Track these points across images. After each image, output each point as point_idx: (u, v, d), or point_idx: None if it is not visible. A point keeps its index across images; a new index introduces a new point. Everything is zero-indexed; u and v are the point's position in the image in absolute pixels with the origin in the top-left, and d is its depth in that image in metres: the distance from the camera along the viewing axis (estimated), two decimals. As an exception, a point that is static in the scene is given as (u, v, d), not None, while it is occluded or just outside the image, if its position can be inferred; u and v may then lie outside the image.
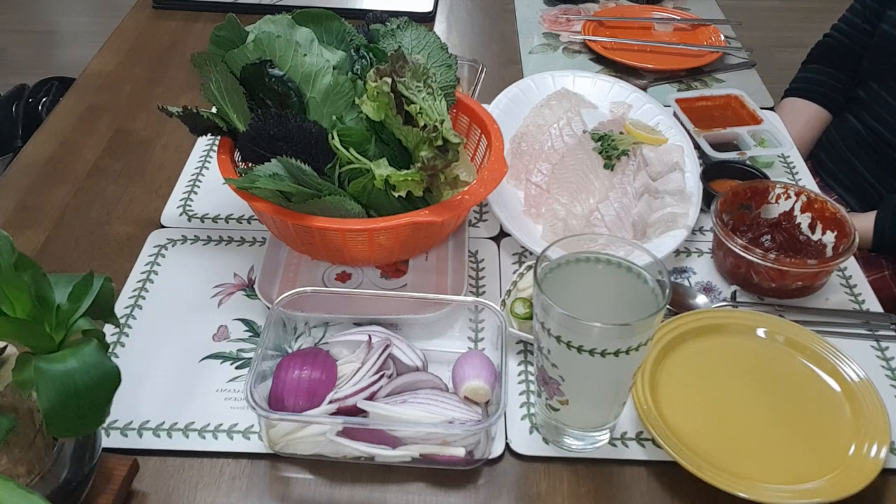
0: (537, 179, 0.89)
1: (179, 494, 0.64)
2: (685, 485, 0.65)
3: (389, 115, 0.74)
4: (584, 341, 0.56)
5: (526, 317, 0.74)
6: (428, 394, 0.66)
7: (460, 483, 0.65)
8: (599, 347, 0.56)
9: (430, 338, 0.76)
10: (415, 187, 0.72)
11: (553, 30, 1.33)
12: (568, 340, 0.57)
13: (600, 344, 0.56)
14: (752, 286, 0.82)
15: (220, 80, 0.74)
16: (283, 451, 0.66)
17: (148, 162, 1.00)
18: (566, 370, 0.60)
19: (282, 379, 0.66)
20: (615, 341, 0.56)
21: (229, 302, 0.80)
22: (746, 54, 1.26)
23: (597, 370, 0.58)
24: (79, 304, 0.54)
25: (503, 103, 0.99)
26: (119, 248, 0.87)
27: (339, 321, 0.76)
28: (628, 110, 1.00)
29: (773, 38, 2.72)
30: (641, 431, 0.69)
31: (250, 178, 0.70)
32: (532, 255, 0.84)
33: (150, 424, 0.68)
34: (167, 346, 0.75)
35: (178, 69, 1.20)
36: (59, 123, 1.08)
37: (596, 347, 0.56)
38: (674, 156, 0.92)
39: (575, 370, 0.59)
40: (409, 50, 0.82)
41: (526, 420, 0.69)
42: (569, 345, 0.57)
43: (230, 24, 0.77)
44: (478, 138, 0.86)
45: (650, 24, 1.34)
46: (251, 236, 0.88)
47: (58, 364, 0.50)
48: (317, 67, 0.75)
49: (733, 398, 0.71)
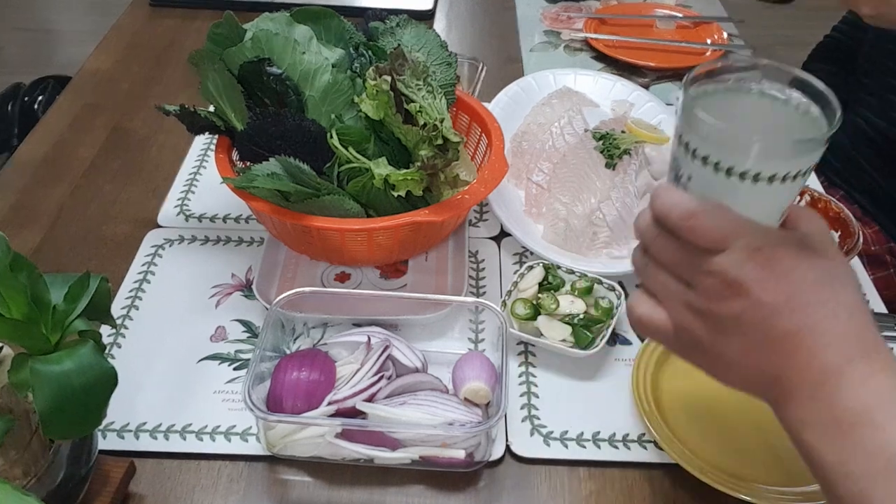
0: (538, 179, 0.89)
1: (177, 497, 0.63)
2: (687, 487, 0.64)
3: (389, 114, 0.74)
4: (738, 161, 0.50)
5: (527, 317, 0.74)
6: (428, 395, 0.66)
7: (460, 485, 0.65)
8: (755, 169, 0.49)
9: (429, 339, 0.75)
10: (414, 187, 0.71)
11: (554, 27, 1.33)
12: (717, 161, 0.50)
13: (757, 165, 0.49)
14: (755, 286, 0.81)
15: (218, 78, 0.73)
16: (281, 453, 0.65)
17: (145, 161, 1.00)
18: None
19: (280, 380, 0.65)
20: (775, 162, 0.49)
21: (227, 302, 0.79)
22: (749, 52, 1.25)
23: (742, 200, 0.51)
24: (75, 305, 0.54)
25: (504, 102, 0.98)
26: (116, 248, 0.86)
27: (338, 322, 0.76)
28: (630, 109, 0.99)
29: (775, 37, 2.72)
30: (643, 434, 0.68)
31: (248, 177, 0.69)
32: (533, 256, 0.83)
33: (147, 426, 0.68)
34: (164, 347, 0.75)
35: (175, 67, 1.20)
36: (55, 122, 1.07)
37: (750, 169, 0.49)
38: (675, 155, 0.91)
39: (718, 198, 0.51)
40: (409, 48, 0.81)
41: (527, 422, 0.69)
42: (717, 166, 0.50)
43: (228, 21, 0.76)
44: (478, 137, 0.85)
45: (652, 22, 1.34)
46: (249, 236, 0.87)
47: (54, 365, 0.50)
48: (315, 65, 0.74)
49: (735, 400, 0.70)
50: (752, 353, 0.49)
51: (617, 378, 0.73)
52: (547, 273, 0.78)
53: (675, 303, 0.51)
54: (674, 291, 0.51)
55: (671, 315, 0.52)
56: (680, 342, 0.52)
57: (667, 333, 0.52)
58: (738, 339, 0.49)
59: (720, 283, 0.48)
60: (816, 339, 0.47)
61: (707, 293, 0.49)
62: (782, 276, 0.48)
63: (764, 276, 0.47)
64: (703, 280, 0.49)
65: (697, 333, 0.50)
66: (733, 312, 0.48)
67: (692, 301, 0.50)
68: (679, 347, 0.52)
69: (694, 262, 0.49)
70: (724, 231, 0.48)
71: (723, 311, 0.48)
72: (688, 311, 0.50)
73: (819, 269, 0.48)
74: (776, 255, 0.48)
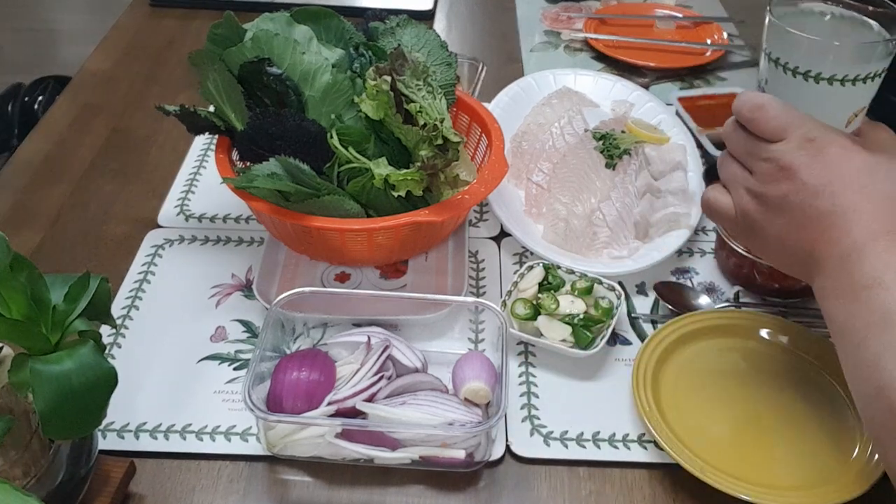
0: (538, 179, 0.89)
1: (177, 497, 0.63)
2: (687, 488, 0.64)
3: (389, 114, 0.74)
4: (810, 63, 0.58)
5: (527, 317, 0.74)
6: (428, 395, 0.66)
7: (460, 485, 0.65)
8: (824, 71, 0.58)
9: (429, 339, 0.75)
10: (414, 187, 0.71)
11: (554, 28, 1.33)
12: (795, 66, 0.59)
13: (826, 67, 0.58)
14: (755, 287, 0.81)
15: (218, 78, 0.73)
16: (281, 453, 0.65)
17: (145, 161, 1.00)
18: None
19: (280, 380, 0.65)
20: (848, 65, 0.58)
21: (227, 302, 0.79)
22: (749, 52, 1.25)
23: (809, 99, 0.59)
24: (75, 305, 0.54)
25: (504, 102, 0.98)
26: (116, 249, 0.86)
27: (337, 322, 0.76)
28: (630, 109, 0.99)
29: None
30: (643, 433, 0.68)
31: (248, 177, 0.69)
32: (533, 256, 0.83)
33: (147, 426, 0.68)
34: (164, 348, 0.75)
35: (175, 67, 1.20)
36: (55, 122, 1.07)
37: (820, 72, 0.58)
38: (676, 155, 0.91)
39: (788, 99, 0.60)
40: (409, 48, 0.81)
41: (527, 422, 0.69)
42: (793, 70, 0.59)
43: (228, 21, 0.76)
44: (478, 137, 0.85)
45: (652, 22, 1.34)
46: (249, 236, 0.87)
47: (54, 365, 0.50)
48: (315, 66, 0.74)
49: (736, 400, 0.70)
50: (794, 231, 0.56)
51: (617, 378, 0.73)
52: (547, 273, 0.78)
53: (738, 187, 0.59)
54: (739, 177, 0.59)
55: (734, 199, 0.60)
56: (737, 223, 0.60)
57: (728, 214, 0.61)
58: (783, 218, 0.56)
59: (774, 168, 0.56)
60: (848, 218, 0.53)
61: (763, 177, 0.57)
62: (828, 163, 0.54)
63: (811, 162, 0.54)
64: (761, 165, 0.57)
65: (752, 214, 0.58)
66: (781, 193, 0.55)
67: (751, 185, 0.58)
68: (737, 228, 0.61)
69: (756, 150, 0.57)
70: (785, 122, 0.56)
71: (773, 192, 0.56)
72: (747, 194, 0.59)
73: (864, 161, 0.54)
74: (826, 145, 0.55)
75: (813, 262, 0.56)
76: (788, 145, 0.55)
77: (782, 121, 0.56)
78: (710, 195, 0.63)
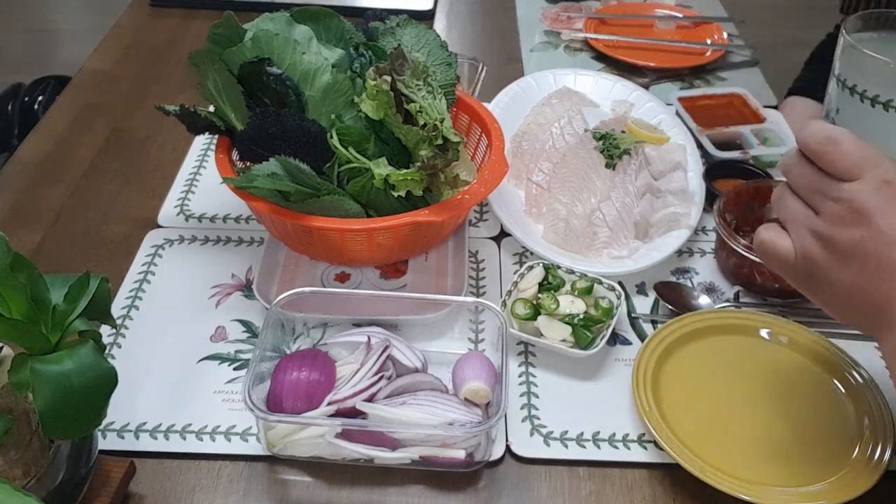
0: (538, 179, 0.89)
1: (176, 497, 0.63)
2: (687, 487, 0.64)
3: (389, 114, 0.73)
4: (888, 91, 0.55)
5: (527, 317, 0.74)
6: (428, 395, 0.66)
7: (460, 485, 0.65)
8: None
9: (429, 339, 0.75)
10: (414, 187, 0.71)
11: (554, 27, 1.33)
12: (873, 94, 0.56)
13: None
14: (756, 287, 0.81)
15: (218, 78, 0.73)
16: (281, 453, 0.65)
17: (145, 161, 1.00)
18: None
19: (280, 380, 0.65)
20: None
21: (227, 302, 0.79)
22: (749, 52, 1.25)
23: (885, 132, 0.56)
24: (75, 305, 0.54)
25: (504, 102, 0.98)
26: (116, 249, 0.86)
27: (337, 322, 0.76)
28: (630, 109, 0.99)
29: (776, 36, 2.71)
30: (643, 433, 0.68)
31: (248, 177, 0.69)
32: (533, 256, 0.83)
33: (147, 426, 0.68)
34: (164, 348, 0.75)
35: (175, 67, 1.20)
36: (55, 122, 1.07)
37: None
38: (676, 155, 0.91)
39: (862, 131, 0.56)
40: (409, 48, 0.81)
41: (527, 422, 0.69)
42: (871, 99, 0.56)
43: (228, 21, 0.76)
44: (478, 137, 0.85)
45: (652, 22, 1.34)
46: (249, 236, 0.87)
47: (54, 365, 0.50)
48: (315, 66, 0.74)
49: (736, 400, 0.70)
50: (864, 283, 0.51)
51: (617, 378, 0.73)
52: (547, 273, 0.78)
53: (800, 227, 0.53)
54: (802, 216, 0.53)
55: (794, 240, 0.54)
56: (797, 269, 0.54)
57: (787, 258, 0.54)
58: (853, 268, 0.51)
59: (846, 210, 0.50)
60: None
61: (832, 219, 0.51)
62: None
63: (888, 207, 0.49)
64: (830, 206, 0.51)
65: (816, 260, 0.52)
66: (853, 239, 0.50)
67: (817, 226, 0.52)
68: (795, 275, 0.55)
69: (825, 188, 0.51)
70: (860, 160, 0.50)
71: (843, 237, 0.50)
72: (810, 236, 0.52)
73: None
74: None
75: (885, 318, 0.51)
76: (863, 186, 0.50)
77: (857, 158, 0.50)
78: (765, 236, 0.55)
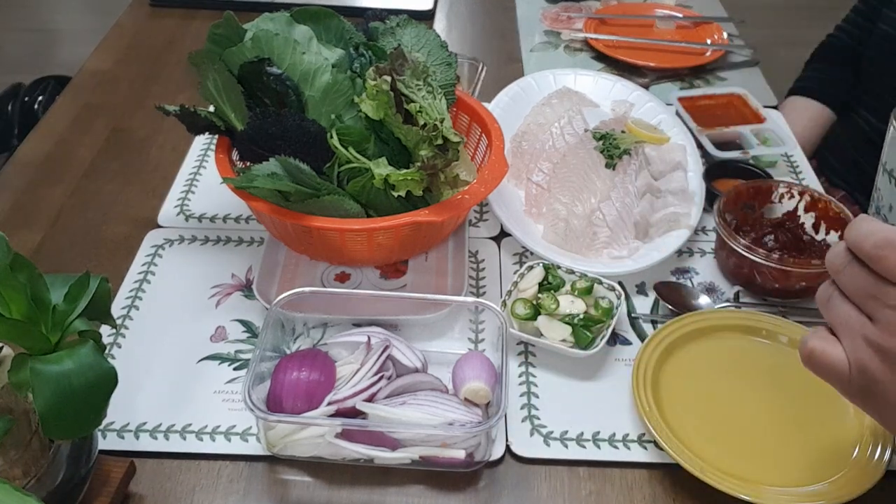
0: (538, 179, 0.89)
1: (176, 497, 0.63)
2: (687, 487, 0.64)
3: (389, 114, 0.73)
4: None
5: (527, 317, 0.74)
6: (428, 395, 0.66)
7: (460, 485, 0.65)
8: None
9: (429, 339, 0.75)
10: (414, 187, 0.71)
11: (554, 27, 1.33)
12: None
13: None
14: (755, 287, 0.81)
15: (218, 78, 0.73)
16: (281, 453, 0.65)
17: (145, 161, 1.00)
18: None
19: (280, 380, 0.65)
20: None
21: (227, 302, 0.79)
22: (749, 52, 1.25)
23: None
24: (75, 305, 0.54)
25: (504, 102, 0.98)
26: (116, 249, 0.86)
27: (337, 322, 0.76)
28: (630, 109, 0.99)
29: (776, 36, 2.71)
30: (643, 433, 0.68)
31: (248, 177, 0.69)
32: (533, 256, 0.83)
33: (147, 426, 0.68)
34: (164, 348, 0.75)
35: (175, 67, 1.20)
36: (55, 122, 1.07)
37: None
38: (676, 155, 0.92)
39: None
40: (409, 48, 0.81)
41: (527, 422, 0.69)
42: None
43: (228, 21, 0.76)
44: (478, 137, 0.85)
45: (652, 22, 1.34)
46: (249, 236, 0.87)
47: (54, 365, 0.50)
48: (315, 66, 0.74)
49: (736, 400, 0.70)
50: None
51: (617, 378, 0.73)
52: (547, 273, 0.78)
53: (854, 336, 0.48)
54: (855, 324, 0.48)
55: (848, 350, 0.49)
56: (852, 382, 0.49)
57: (840, 370, 0.49)
58: None
59: None
60: None
61: (890, 327, 0.46)
62: None
63: None
64: (887, 314, 0.46)
65: (873, 372, 0.47)
66: None
67: (873, 335, 0.47)
68: (851, 388, 0.50)
69: (882, 295, 0.46)
70: None
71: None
72: (867, 346, 0.47)
73: None
74: None
75: None
76: None
77: None
78: (814, 345, 0.50)
